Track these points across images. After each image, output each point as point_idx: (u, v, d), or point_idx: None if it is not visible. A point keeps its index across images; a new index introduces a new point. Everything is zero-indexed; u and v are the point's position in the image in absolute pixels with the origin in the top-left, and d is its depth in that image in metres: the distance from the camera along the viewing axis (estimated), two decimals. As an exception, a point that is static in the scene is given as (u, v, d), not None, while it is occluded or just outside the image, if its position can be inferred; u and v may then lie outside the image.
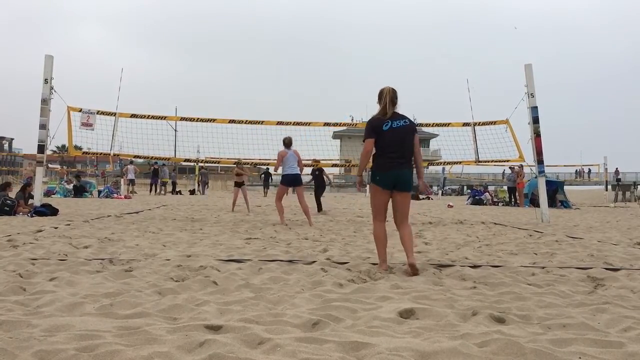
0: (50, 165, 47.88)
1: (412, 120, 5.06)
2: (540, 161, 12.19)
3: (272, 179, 37.11)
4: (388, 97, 4.97)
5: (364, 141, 5.03)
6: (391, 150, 4.92)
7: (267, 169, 32.53)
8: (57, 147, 65.43)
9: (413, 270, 4.77)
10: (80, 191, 24.91)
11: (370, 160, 5.15)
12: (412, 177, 5.15)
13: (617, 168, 40.76)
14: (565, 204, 21.57)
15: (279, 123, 13.34)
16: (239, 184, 14.79)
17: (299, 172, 10.59)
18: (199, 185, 36.67)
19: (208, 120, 13.27)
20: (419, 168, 5.23)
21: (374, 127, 4.95)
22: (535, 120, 12.13)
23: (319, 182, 15.55)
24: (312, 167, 15.06)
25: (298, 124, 13.49)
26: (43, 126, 12.02)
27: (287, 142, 10.60)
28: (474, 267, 5.25)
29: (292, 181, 10.62)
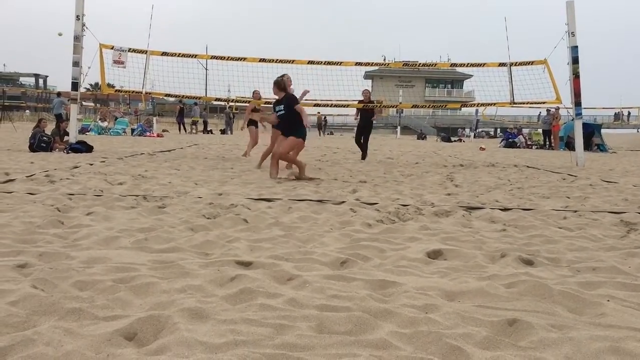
0: (84, 103, 48.53)
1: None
2: (578, 103, 11.83)
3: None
4: None
5: None
6: None
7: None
8: (90, 85, 66.10)
9: None
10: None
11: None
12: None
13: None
14: (601, 148, 21.08)
15: (310, 62, 13.15)
16: (253, 122, 11.86)
17: None
18: (227, 124, 36.59)
19: (238, 59, 13.15)
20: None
21: None
22: (575, 61, 11.69)
23: (365, 122, 12.99)
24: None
25: (329, 63, 13.27)
26: (76, 63, 12.11)
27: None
28: (504, 210, 5.21)
29: None
